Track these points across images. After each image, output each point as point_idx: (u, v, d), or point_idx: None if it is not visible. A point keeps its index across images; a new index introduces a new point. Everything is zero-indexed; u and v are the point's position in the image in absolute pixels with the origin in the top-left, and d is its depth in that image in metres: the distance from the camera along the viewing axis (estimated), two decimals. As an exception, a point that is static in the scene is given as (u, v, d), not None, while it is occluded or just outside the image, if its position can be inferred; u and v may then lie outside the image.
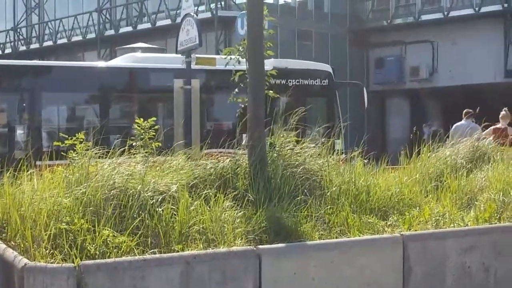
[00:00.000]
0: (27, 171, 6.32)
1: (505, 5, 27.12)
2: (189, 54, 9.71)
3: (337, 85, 17.38)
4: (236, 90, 7.85)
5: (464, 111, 14.10)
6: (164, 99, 13.47)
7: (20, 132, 14.10)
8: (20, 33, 37.71)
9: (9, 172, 6.29)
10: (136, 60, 14.93)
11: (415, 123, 27.62)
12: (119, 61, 15.86)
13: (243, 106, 7.88)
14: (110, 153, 6.65)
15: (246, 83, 7.52)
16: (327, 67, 17.34)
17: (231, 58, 7.79)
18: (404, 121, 30.73)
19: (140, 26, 30.61)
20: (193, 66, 10.02)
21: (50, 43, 35.50)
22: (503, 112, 13.81)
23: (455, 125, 13.38)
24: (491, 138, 10.55)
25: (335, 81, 17.12)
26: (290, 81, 15.59)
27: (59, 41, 34.86)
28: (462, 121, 13.60)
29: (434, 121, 28.03)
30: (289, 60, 19.45)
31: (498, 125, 13.31)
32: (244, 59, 7.65)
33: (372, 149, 9.33)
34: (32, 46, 36.81)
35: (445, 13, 28.77)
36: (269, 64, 15.87)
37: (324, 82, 16.72)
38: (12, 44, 37.75)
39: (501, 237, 6.34)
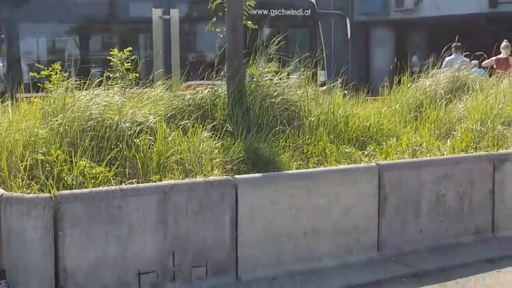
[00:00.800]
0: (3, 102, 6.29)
1: None
2: (167, -17, 9.55)
3: (320, 15, 17.01)
4: (214, 19, 7.75)
5: (454, 44, 14.01)
6: (144, 30, 13.35)
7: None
8: None
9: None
10: None
11: (399, 54, 27.57)
12: None
13: (222, 36, 7.80)
14: (87, 84, 6.59)
15: (225, 12, 7.43)
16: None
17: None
18: (389, 52, 30.60)
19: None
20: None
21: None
22: (504, 43, 13.84)
23: (446, 59, 13.36)
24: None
25: (318, 11, 16.81)
26: (272, 11, 15.33)
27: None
28: (452, 55, 13.55)
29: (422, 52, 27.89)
30: None
31: (500, 56, 13.39)
32: None
33: (354, 79, 9.34)
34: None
35: None
36: None
37: (306, 13, 16.27)
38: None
39: (475, 166, 6.42)
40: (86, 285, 4.83)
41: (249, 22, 7.74)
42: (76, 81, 6.56)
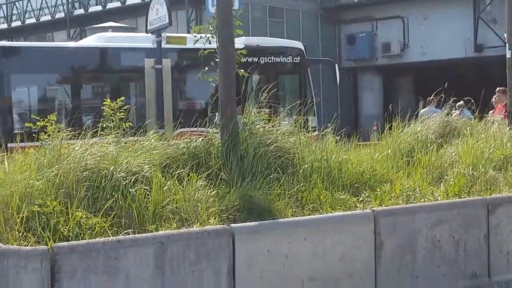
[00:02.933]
0: None
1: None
2: (159, 33, 9.65)
3: (309, 62, 17.40)
4: (206, 68, 7.84)
5: (428, 98, 14.48)
6: (136, 79, 13.43)
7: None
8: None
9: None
10: (106, 39, 14.81)
11: (387, 99, 27.89)
12: (89, 41, 15.70)
13: (214, 85, 7.89)
14: (82, 134, 6.62)
15: (217, 61, 7.52)
16: (298, 44, 17.29)
17: (201, 37, 7.77)
18: (376, 96, 30.96)
19: (110, 5, 30.22)
20: (164, 45, 9.98)
21: (18, 23, 34.93)
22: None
23: (420, 111, 13.80)
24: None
25: (307, 58, 17.13)
26: (261, 59, 15.67)
27: (28, 21, 34.31)
28: (426, 108, 14.03)
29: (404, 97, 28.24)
30: (260, 38, 19.56)
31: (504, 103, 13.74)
32: (215, 38, 7.64)
33: (344, 125, 9.44)
34: (0, 26, 36.18)
35: (415, -12, 28.88)
36: (240, 42, 15.53)
37: (296, 60, 16.68)
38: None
39: (469, 211, 6.44)
40: (83, 338, 4.78)
41: (241, 70, 7.84)
42: (70, 131, 6.59)
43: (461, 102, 18.05)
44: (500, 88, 13.90)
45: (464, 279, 6.39)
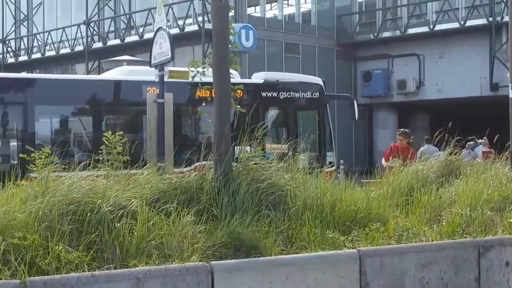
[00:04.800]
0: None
1: (490, 19, 27.23)
2: (162, 67, 9.68)
3: (328, 98, 17.51)
4: (203, 103, 7.87)
5: (425, 137, 14.76)
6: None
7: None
8: (9, 45, 37.60)
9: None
10: (125, 73, 15.13)
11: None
12: (111, 74, 15.98)
13: (210, 120, 7.90)
14: (72, 167, 6.63)
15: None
16: (317, 80, 17.40)
17: (198, 72, 7.81)
18: (391, 133, 30.78)
19: (128, 39, 30.59)
20: (167, 80, 10.02)
21: (38, 55, 35.43)
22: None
23: (420, 149, 14.05)
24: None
25: (326, 94, 17.25)
26: (281, 94, 16.04)
27: (48, 53, 34.78)
28: (425, 146, 14.28)
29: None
30: (280, 73, 19.90)
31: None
32: None
33: (358, 161, 9.36)
34: (21, 59, 36.72)
35: (431, 26, 28.87)
36: (260, 77, 16.58)
37: (315, 95, 16.80)
38: (0, 56, 37.63)
39: (460, 252, 6.33)
40: None
41: (238, 106, 7.84)
42: (61, 164, 6.61)
43: (472, 142, 18.04)
44: (401, 129, 14.22)
45: (454, 323, 6.26)
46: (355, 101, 18.24)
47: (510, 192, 8.02)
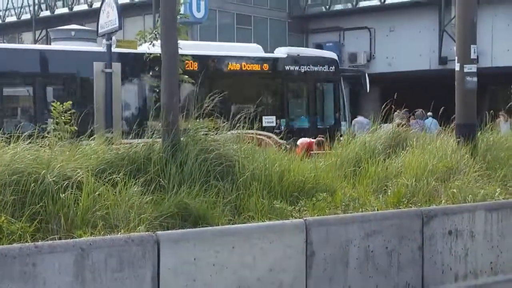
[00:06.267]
0: None
1: (440, -7, 27.60)
2: (109, 37, 9.53)
3: (342, 71, 19.15)
4: (151, 73, 7.78)
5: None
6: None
7: None
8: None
9: None
10: None
11: (352, 109, 27.98)
12: None
13: (158, 91, 7.82)
14: (18, 137, 6.49)
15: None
16: (333, 55, 18.90)
17: (145, 41, 7.71)
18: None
19: (77, 8, 30.00)
20: (115, 49, 9.87)
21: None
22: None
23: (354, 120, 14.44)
24: None
25: (340, 68, 18.99)
26: (302, 67, 17.44)
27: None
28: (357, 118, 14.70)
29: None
30: (299, 48, 21.18)
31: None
32: None
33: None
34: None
35: (382, 0, 29.08)
36: (284, 51, 17.85)
37: (331, 69, 18.09)
38: None
39: (404, 222, 6.43)
40: None
41: (186, 76, 7.78)
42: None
43: (419, 111, 18.43)
44: None
45: (398, 290, 6.38)
46: (366, 74, 19.41)
47: (454, 163, 8.17)
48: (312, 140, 11.69)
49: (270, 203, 6.51)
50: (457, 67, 9.57)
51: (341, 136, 9.77)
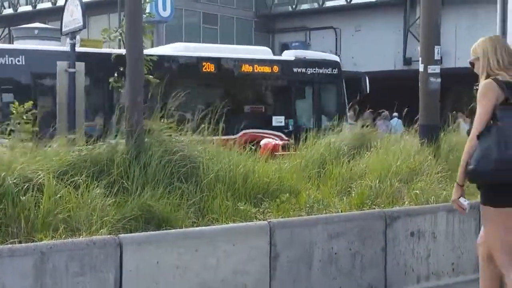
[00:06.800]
0: None
1: (405, -6, 27.92)
2: (73, 36, 9.43)
3: (344, 73, 19.91)
4: (116, 74, 7.71)
5: None
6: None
7: None
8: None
9: None
10: None
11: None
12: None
13: (122, 91, 7.75)
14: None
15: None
16: (336, 58, 20.20)
17: (110, 40, 7.65)
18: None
19: (40, 5, 29.64)
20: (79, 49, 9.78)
21: None
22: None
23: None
24: None
25: (342, 70, 19.79)
26: (308, 70, 18.37)
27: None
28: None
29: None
30: (304, 51, 22.58)
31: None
32: None
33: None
34: None
35: (349, 0, 29.29)
36: (291, 54, 19.03)
37: (334, 71, 19.03)
38: None
39: (367, 223, 6.48)
40: None
41: (150, 76, 7.72)
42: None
43: (385, 112, 18.69)
44: None
45: (361, 292, 6.42)
46: (367, 77, 20.30)
47: (417, 164, 8.25)
48: (278, 142, 11.70)
49: (234, 205, 6.50)
50: (421, 68, 9.67)
51: None
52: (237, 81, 17.52)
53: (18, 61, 14.18)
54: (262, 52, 18.97)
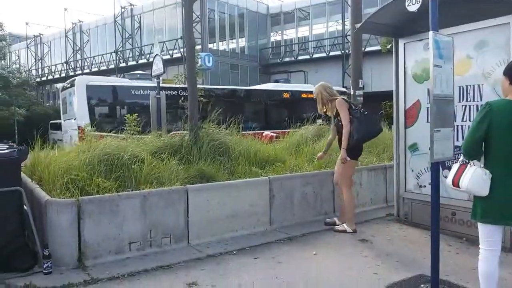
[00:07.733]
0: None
1: (343, 51, 27.60)
2: (158, 77, 9.40)
3: (349, 97, 19.53)
4: (182, 98, 7.63)
5: None
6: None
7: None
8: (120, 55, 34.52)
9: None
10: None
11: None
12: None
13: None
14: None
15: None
16: (343, 89, 19.36)
17: (178, 80, 7.59)
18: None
19: (140, 61, 29.54)
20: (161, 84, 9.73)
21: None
22: None
23: None
24: None
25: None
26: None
27: (86, 70, 33.07)
28: None
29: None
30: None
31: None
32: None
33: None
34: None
35: (311, 55, 29.06)
36: (310, 87, 17.52)
37: (343, 95, 18.74)
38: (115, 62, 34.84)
39: (323, 177, 6.43)
40: (97, 251, 4.60)
41: (201, 98, 7.65)
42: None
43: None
44: None
45: (319, 215, 6.38)
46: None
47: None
48: (273, 134, 11.60)
49: (249, 168, 6.46)
50: (352, 92, 9.57)
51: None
52: (298, 102, 17.56)
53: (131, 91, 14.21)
54: (308, 86, 18.60)
